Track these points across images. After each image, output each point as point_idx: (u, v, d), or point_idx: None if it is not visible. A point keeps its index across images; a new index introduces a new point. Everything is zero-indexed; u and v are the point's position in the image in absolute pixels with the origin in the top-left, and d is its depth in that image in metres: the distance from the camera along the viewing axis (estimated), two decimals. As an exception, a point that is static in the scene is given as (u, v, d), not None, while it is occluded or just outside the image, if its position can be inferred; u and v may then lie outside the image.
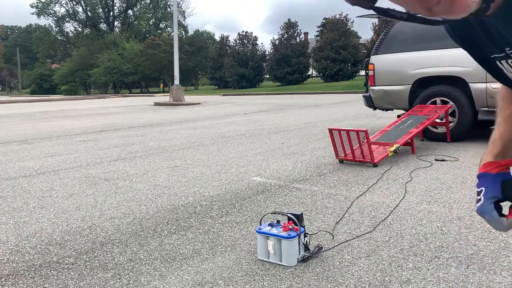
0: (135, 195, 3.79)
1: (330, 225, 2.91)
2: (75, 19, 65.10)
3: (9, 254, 2.56)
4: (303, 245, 2.36)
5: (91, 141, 7.37)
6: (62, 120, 11.96)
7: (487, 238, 2.60)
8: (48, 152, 6.35)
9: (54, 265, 2.40)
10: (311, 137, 7.17)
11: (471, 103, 5.95)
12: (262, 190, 3.85)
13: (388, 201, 3.40)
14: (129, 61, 49.06)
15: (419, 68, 6.31)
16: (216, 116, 12.24)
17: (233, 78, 44.10)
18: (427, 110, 6.10)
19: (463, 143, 5.99)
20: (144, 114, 13.60)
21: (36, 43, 66.99)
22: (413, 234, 2.70)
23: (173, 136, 7.79)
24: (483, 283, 2.06)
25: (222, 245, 2.62)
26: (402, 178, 4.12)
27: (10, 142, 7.57)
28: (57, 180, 4.49)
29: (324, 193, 3.69)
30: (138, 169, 4.91)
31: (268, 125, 9.15)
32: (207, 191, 3.89)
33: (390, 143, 5.09)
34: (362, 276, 2.16)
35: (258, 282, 2.14)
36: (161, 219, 3.13)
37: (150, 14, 67.02)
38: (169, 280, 2.19)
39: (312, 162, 5.05)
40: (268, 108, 14.92)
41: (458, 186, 3.81)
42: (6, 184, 4.37)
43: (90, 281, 2.20)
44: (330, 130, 4.86)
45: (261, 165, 4.99)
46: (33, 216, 3.27)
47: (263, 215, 3.07)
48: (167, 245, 2.65)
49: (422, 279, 2.12)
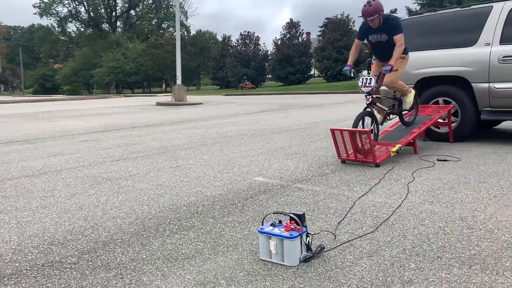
0: (137, 195, 3.79)
1: (332, 225, 2.91)
2: (78, 19, 65.25)
3: (11, 254, 2.57)
4: (305, 245, 2.36)
5: (93, 141, 7.39)
6: (64, 120, 11.98)
7: (490, 238, 2.60)
8: (50, 152, 6.36)
9: (56, 265, 2.41)
10: (313, 137, 7.17)
11: (474, 103, 5.93)
12: (264, 190, 3.85)
13: (390, 201, 3.40)
14: (132, 61, 49.15)
15: (422, 68, 6.30)
16: (218, 116, 12.25)
17: (235, 78, 44.12)
18: (430, 110, 6.09)
19: (466, 143, 5.97)
20: (146, 114, 13.62)
21: (38, 43, 67.18)
22: (416, 234, 2.70)
23: (175, 136, 7.80)
24: (485, 284, 2.05)
25: (224, 245, 2.62)
26: (405, 178, 4.12)
27: (13, 142, 7.59)
28: (60, 180, 4.50)
29: (326, 193, 3.68)
30: (140, 169, 4.92)
31: (270, 125, 9.15)
32: (209, 191, 3.89)
33: (392, 143, 5.08)
34: (364, 276, 2.16)
35: (260, 282, 2.14)
36: (163, 219, 3.14)
37: (153, 14, 67.10)
38: (171, 280, 2.19)
39: (314, 162, 5.04)
40: (270, 108, 14.92)
41: (460, 186, 3.80)
42: (8, 183, 4.38)
43: (93, 281, 2.21)
44: (332, 130, 4.86)
45: (263, 165, 4.99)
46: (35, 216, 3.28)
47: (265, 215, 3.07)
48: (169, 245, 2.65)
49: (424, 279, 2.11)
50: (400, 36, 4.99)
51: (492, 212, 3.07)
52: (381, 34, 5.15)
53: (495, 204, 3.25)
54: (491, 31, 5.74)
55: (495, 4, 5.84)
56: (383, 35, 5.14)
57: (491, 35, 5.73)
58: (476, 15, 5.99)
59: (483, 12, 5.91)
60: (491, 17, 5.79)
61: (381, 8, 4.95)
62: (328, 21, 44.31)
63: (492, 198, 3.42)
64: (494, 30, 5.72)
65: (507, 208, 3.15)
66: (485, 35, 5.79)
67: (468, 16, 6.09)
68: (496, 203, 3.28)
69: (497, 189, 3.66)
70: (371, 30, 5.17)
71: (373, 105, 5.13)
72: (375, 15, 4.94)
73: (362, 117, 4.93)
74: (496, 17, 5.74)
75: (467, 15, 6.12)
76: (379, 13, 4.94)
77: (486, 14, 5.85)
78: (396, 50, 4.97)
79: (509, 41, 5.58)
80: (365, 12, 4.96)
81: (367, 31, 5.24)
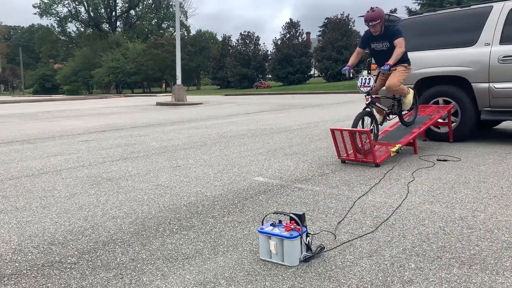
0: (137, 195, 3.79)
1: (332, 225, 2.91)
2: (78, 19, 65.27)
3: (11, 254, 2.57)
4: (305, 245, 2.36)
5: (93, 141, 7.39)
6: (64, 120, 11.98)
7: (490, 238, 2.60)
8: (50, 152, 6.36)
9: (56, 265, 2.41)
10: (313, 137, 7.17)
11: (474, 103, 5.93)
12: (264, 190, 3.85)
13: (390, 201, 3.40)
14: (132, 61, 49.16)
15: (422, 68, 6.29)
16: (218, 116, 12.25)
17: (235, 78, 44.12)
18: (430, 110, 6.09)
19: (466, 143, 5.97)
20: (146, 114, 13.62)
21: (38, 43, 67.20)
22: (415, 234, 2.70)
23: (175, 136, 7.80)
24: (485, 284, 2.05)
25: (224, 245, 2.62)
26: (405, 178, 4.12)
27: (13, 142, 7.59)
28: (60, 180, 4.50)
29: (326, 193, 3.68)
30: (140, 169, 4.92)
31: (270, 125, 9.15)
32: (209, 191, 3.89)
33: (392, 143, 5.08)
34: (364, 276, 2.16)
35: (260, 282, 2.14)
36: (163, 219, 3.14)
37: (152, 14, 67.11)
38: (171, 280, 2.19)
39: (314, 162, 5.04)
40: (270, 108, 14.92)
41: (460, 186, 3.80)
42: (8, 183, 4.38)
43: (93, 281, 2.21)
44: (332, 130, 4.86)
45: (263, 165, 4.99)
46: (35, 216, 3.28)
47: (265, 215, 3.07)
48: (169, 244, 2.65)
49: (424, 279, 2.11)
50: (401, 39, 5.08)
51: (492, 212, 3.07)
52: (383, 42, 5.23)
53: (495, 204, 3.25)
54: (491, 31, 5.74)
55: (495, 4, 5.84)
56: (385, 43, 5.21)
57: (491, 35, 5.73)
58: (476, 15, 5.99)
59: (483, 12, 5.91)
60: (491, 17, 5.79)
61: (383, 15, 5.09)
62: (328, 21, 44.34)
63: (492, 198, 3.42)
64: (494, 30, 5.72)
65: (507, 208, 3.15)
66: (485, 35, 5.79)
67: (468, 16, 6.09)
68: (496, 203, 3.29)
69: (497, 189, 3.66)
70: (373, 38, 5.27)
71: (373, 105, 5.14)
72: (377, 21, 5.04)
73: (361, 117, 4.94)
74: (496, 17, 5.74)
75: (467, 15, 6.12)
76: (381, 19, 5.06)
77: (486, 14, 5.85)
78: (396, 51, 5.02)
79: (509, 41, 5.58)
80: (368, 17, 5.07)
81: (369, 39, 5.34)
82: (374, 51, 5.40)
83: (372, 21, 5.04)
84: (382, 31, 5.16)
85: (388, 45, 5.20)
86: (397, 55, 5.02)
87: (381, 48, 5.29)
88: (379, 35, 5.19)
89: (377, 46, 5.31)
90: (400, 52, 5.04)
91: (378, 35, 5.20)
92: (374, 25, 5.07)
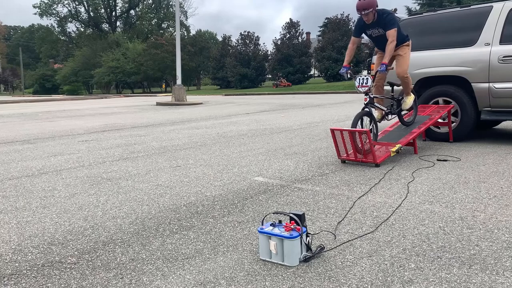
0: (137, 195, 3.79)
1: (332, 225, 2.91)
2: (78, 19, 65.27)
3: (11, 254, 2.57)
4: (305, 245, 2.36)
5: (93, 141, 7.39)
6: (64, 120, 11.98)
7: (490, 238, 2.60)
8: (50, 152, 6.36)
9: (56, 265, 2.41)
10: (313, 137, 7.17)
11: (474, 103, 5.94)
12: (264, 190, 3.85)
13: (390, 201, 3.40)
14: (132, 61, 49.15)
15: (422, 68, 6.30)
16: (218, 116, 12.25)
17: (235, 78, 44.10)
18: (430, 110, 6.09)
19: (466, 143, 5.97)
20: (146, 114, 13.62)
21: (38, 43, 67.20)
22: (415, 234, 2.70)
23: (175, 136, 7.80)
24: (485, 284, 2.05)
25: (224, 245, 2.62)
26: (404, 178, 4.12)
27: (13, 142, 7.59)
28: (60, 180, 4.50)
29: (326, 193, 3.68)
30: (140, 169, 4.92)
31: (270, 125, 9.15)
32: (209, 191, 3.89)
33: (392, 143, 5.08)
34: (364, 276, 2.16)
35: (260, 282, 2.14)
36: (163, 219, 3.14)
37: (152, 14, 67.11)
38: (171, 280, 2.19)
39: (314, 162, 5.04)
40: (270, 108, 14.92)
41: (460, 186, 3.80)
42: (8, 183, 4.38)
43: (93, 281, 2.21)
44: (332, 130, 4.86)
45: (263, 165, 4.99)
46: (35, 216, 3.28)
47: (265, 215, 3.07)
48: (169, 244, 2.65)
49: (424, 279, 2.11)
50: (393, 31, 5.03)
51: (492, 212, 3.07)
52: (378, 29, 5.21)
53: (495, 204, 3.25)
54: (491, 31, 5.75)
55: (495, 4, 5.84)
56: (380, 30, 5.19)
57: (491, 35, 5.74)
58: (476, 15, 5.99)
59: (483, 12, 5.91)
60: (491, 17, 5.79)
61: (375, 4, 5.02)
62: (328, 21, 44.32)
63: (492, 198, 3.42)
64: (494, 30, 5.72)
65: (507, 208, 3.15)
66: (485, 35, 5.79)
67: (468, 16, 6.09)
68: (496, 203, 3.29)
69: (497, 189, 3.66)
70: (367, 26, 5.23)
71: (371, 105, 5.14)
72: (369, 9, 4.98)
73: (360, 117, 4.94)
74: (496, 17, 5.75)
75: (467, 15, 6.12)
76: (373, 7, 4.99)
77: (486, 14, 5.85)
78: (388, 47, 5.02)
79: (509, 41, 5.58)
80: (360, 6, 5.01)
81: (363, 27, 5.30)
82: (371, 36, 5.38)
83: (364, 10, 4.99)
84: (376, 18, 5.11)
85: (383, 31, 5.17)
86: (390, 51, 5.01)
87: (377, 34, 5.26)
88: (373, 22, 5.14)
89: (373, 32, 5.28)
90: (392, 47, 5.02)
91: (371, 22, 5.15)
92: (366, 14, 5.02)
